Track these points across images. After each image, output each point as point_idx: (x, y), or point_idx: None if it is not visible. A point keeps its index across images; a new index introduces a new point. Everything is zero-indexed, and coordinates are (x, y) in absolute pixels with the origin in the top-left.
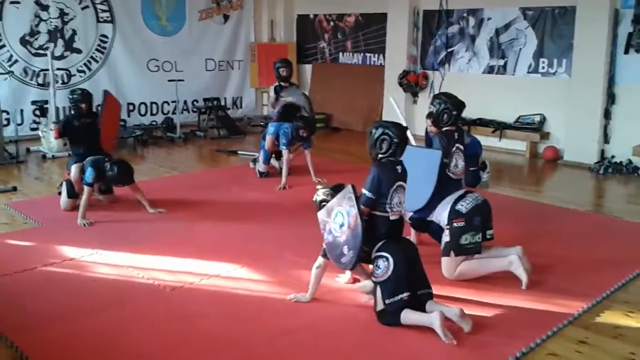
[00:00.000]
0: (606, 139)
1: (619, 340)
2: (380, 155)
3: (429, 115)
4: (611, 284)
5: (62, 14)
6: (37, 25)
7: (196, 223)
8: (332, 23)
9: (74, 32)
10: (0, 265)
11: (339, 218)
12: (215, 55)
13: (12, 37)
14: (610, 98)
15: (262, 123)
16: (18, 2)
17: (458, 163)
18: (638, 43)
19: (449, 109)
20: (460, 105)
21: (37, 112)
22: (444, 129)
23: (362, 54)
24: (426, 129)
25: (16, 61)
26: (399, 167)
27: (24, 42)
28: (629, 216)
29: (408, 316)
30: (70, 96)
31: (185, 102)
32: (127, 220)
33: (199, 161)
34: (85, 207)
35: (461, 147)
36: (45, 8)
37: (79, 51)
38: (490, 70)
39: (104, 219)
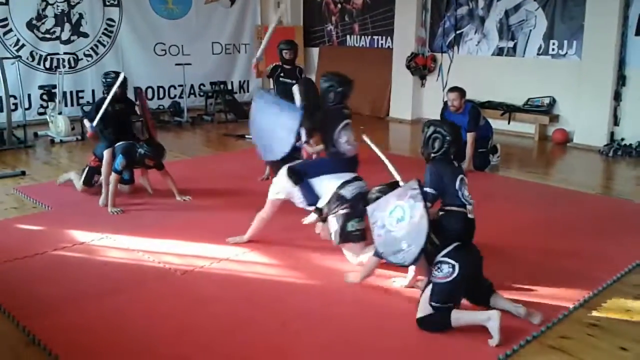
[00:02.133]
0: (616, 121)
1: (631, 323)
2: (432, 155)
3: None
4: (622, 267)
5: None
6: (43, 10)
7: (205, 207)
8: (339, 5)
9: (81, 16)
10: (10, 249)
11: (398, 212)
12: (221, 39)
13: (18, 22)
14: (621, 80)
15: None
16: None
17: (351, 139)
18: None
19: (334, 87)
20: (346, 83)
21: (45, 97)
22: (331, 107)
23: (369, 37)
24: None
25: (23, 45)
26: (455, 162)
27: (30, 26)
28: (638, 198)
29: (461, 317)
30: (104, 79)
31: (192, 86)
32: (137, 206)
33: (207, 145)
34: (114, 196)
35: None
36: None
37: (85, 35)
38: (499, 52)
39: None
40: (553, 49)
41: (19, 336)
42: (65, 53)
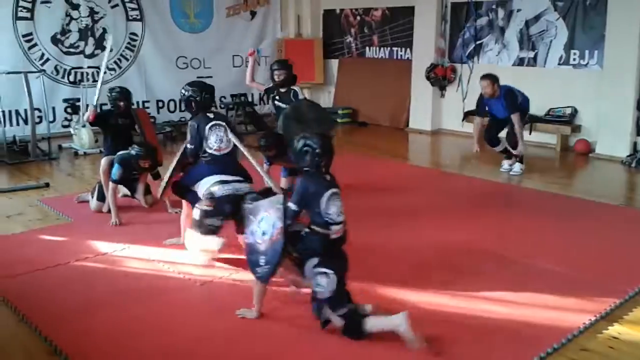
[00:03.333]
0: (638, 131)
1: None
2: (304, 168)
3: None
4: None
5: (92, 12)
6: (68, 24)
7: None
8: (358, 17)
9: (104, 31)
10: (34, 259)
11: (264, 225)
12: (242, 52)
13: (43, 36)
14: None
15: None
16: (49, 2)
17: (222, 139)
18: None
19: (193, 97)
20: (206, 91)
21: (69, 110)
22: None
23: (389, 48)
24: None
25: (48, 60)
26: (327, 176)
27: (55, 40)
28: None
29: (374, 323)
30: (109, 94)
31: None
32: (157, 219)
33: None
34: (115, 205)
35: (223, 124)
36: (75, 7)
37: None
38: (520, 62)
39: (136, 219)
40: (574, 59)
41: (42, 346)
42: (89, 67)
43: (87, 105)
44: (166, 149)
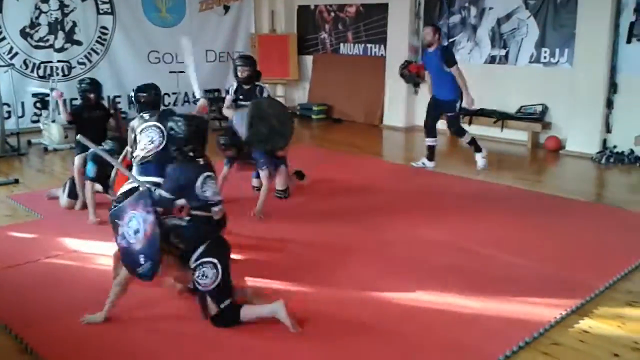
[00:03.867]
0: (608, 128)
1: (623, 330)
2: (173, 154)
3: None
4: (614, 274)
5: (62, 5)
6: (37, 18)
7: None
8: (333, 14)
9: (74, 24)
10: (3, 257)
11: (134, 223)
12: (215, 47)
13: (12, 30)
14: (612, 87)
15: None
16: None
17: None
18: None
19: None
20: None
21: (38, 105)
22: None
23: (363, 45)
24: None
25: (16, 53)
26: (200, 160)
27: (24, 34)
28: (630, 206)
29: (248, 312)
30: (79, 86)
31: (186, 93)
32: None
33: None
34: (93, 204)
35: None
36: (45, 0)
37: (79, 43)
38: (492, 60)
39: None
40: (545, 57)
41: (12, 344)
42: (59, 61)
43: (57, 102)
44: None
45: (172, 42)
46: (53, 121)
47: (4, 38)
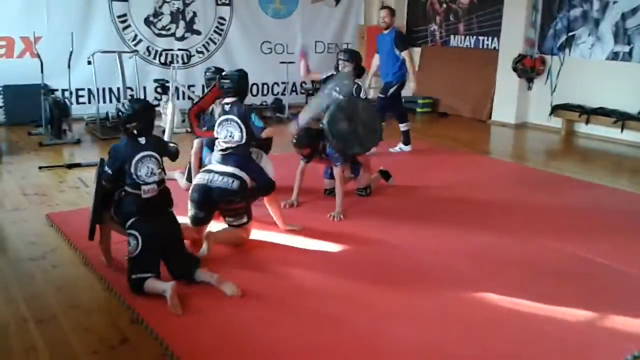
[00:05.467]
0: None
1: None
2: (122, 129)
3: None
4: None
5: None
6: (160, 7)
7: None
8: (444, 5)
9: (195, 14)
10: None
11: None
12: (325, 38)
13: (137, 18)
14: None
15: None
16: None
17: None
18: None
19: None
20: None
21: (159, 90)
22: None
23: (474, 37)
24: None
25: (140, 41)
26: (142, 139)
27: (148, 22)
28: None
29: (149, 285)
30: (205, 74)
31: (294, 83)
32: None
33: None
34: None
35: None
36: None
37: (198, 33)
38: (614, 56)
39: None
40: None
41: (125, 313)
42: (179, 49)
43: (176, 87)
44: None
45: (284, 33)
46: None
47: (129, 26)
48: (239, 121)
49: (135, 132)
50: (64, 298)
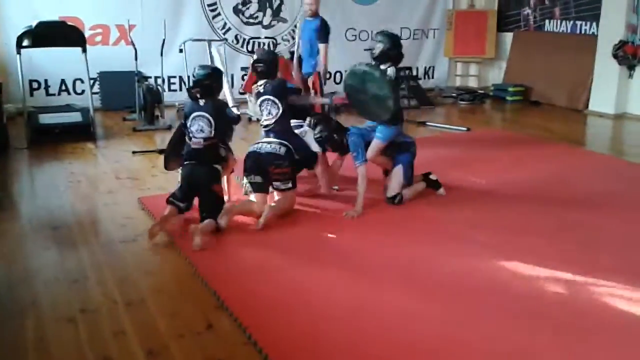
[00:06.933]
0: None
1: None
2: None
3: None
4: None
5: None
6: None
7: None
8: None
9: (281, 2)
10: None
11: None
12: (410, 24)
13: (226, 7)
14: None
15: (453, 95)
16: None
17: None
18: None
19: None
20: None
21: (246, 78)
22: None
23: (571, 22)
24: None
25: (229, 29)
26: (201, 101)
27: (236, 11)
28: None
29: (169, 209)
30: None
31: None
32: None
33: None
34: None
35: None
36: None
37: (284, 20)
38: None
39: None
40: None
41: (211, 299)
42: (265, 37)
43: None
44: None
45: (369, 19)
46: None
47: (218, 14)
48: (273, 98)
49: (198, 95)
50: (152, 282)
